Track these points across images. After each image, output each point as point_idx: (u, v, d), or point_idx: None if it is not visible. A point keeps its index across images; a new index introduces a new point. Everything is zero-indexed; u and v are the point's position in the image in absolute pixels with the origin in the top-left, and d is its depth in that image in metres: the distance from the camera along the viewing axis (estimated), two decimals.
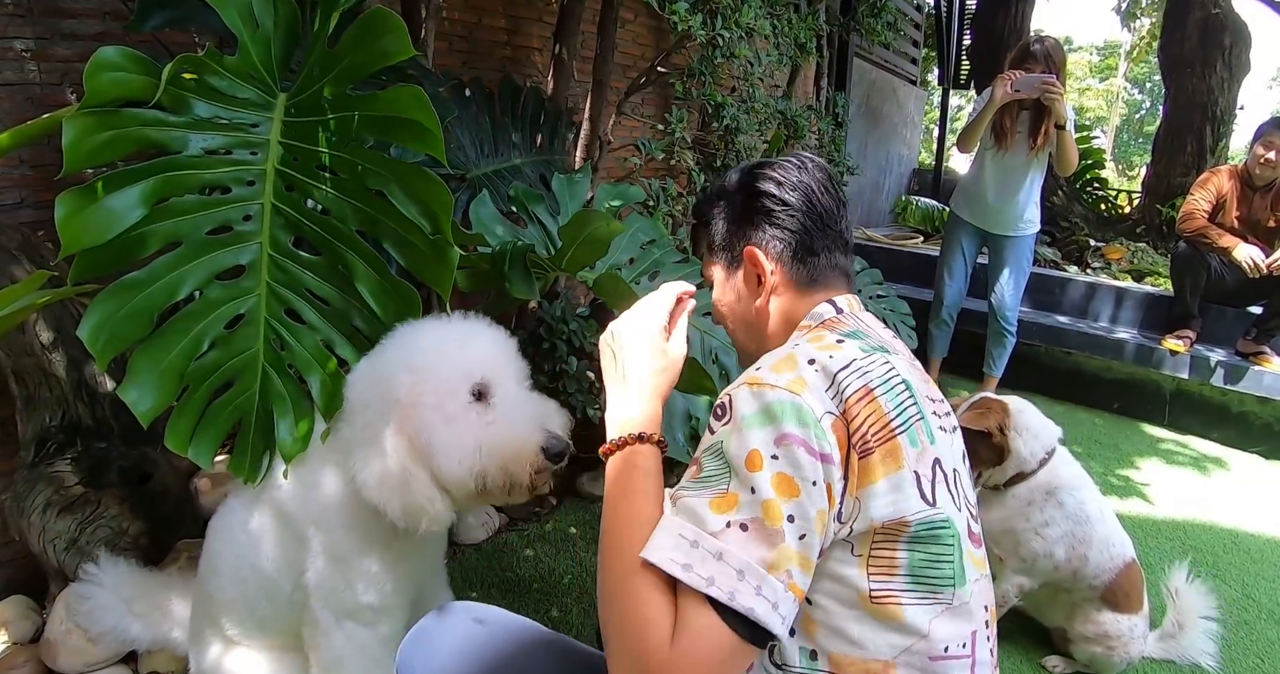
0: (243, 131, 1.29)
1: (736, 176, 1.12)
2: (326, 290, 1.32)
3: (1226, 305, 3.73)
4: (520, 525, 2.38)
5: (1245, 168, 3.53)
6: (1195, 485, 3.14)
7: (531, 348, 2.38)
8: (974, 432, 1.80)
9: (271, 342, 1.29)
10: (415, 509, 1.16)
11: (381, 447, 1.16)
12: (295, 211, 1.30)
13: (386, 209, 1.28)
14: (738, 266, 1.09)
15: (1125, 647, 1.79)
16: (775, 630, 0.77)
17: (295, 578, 1.29)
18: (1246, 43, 4.81)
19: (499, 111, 2.44)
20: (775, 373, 0.86)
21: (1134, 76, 21.88)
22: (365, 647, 1.32)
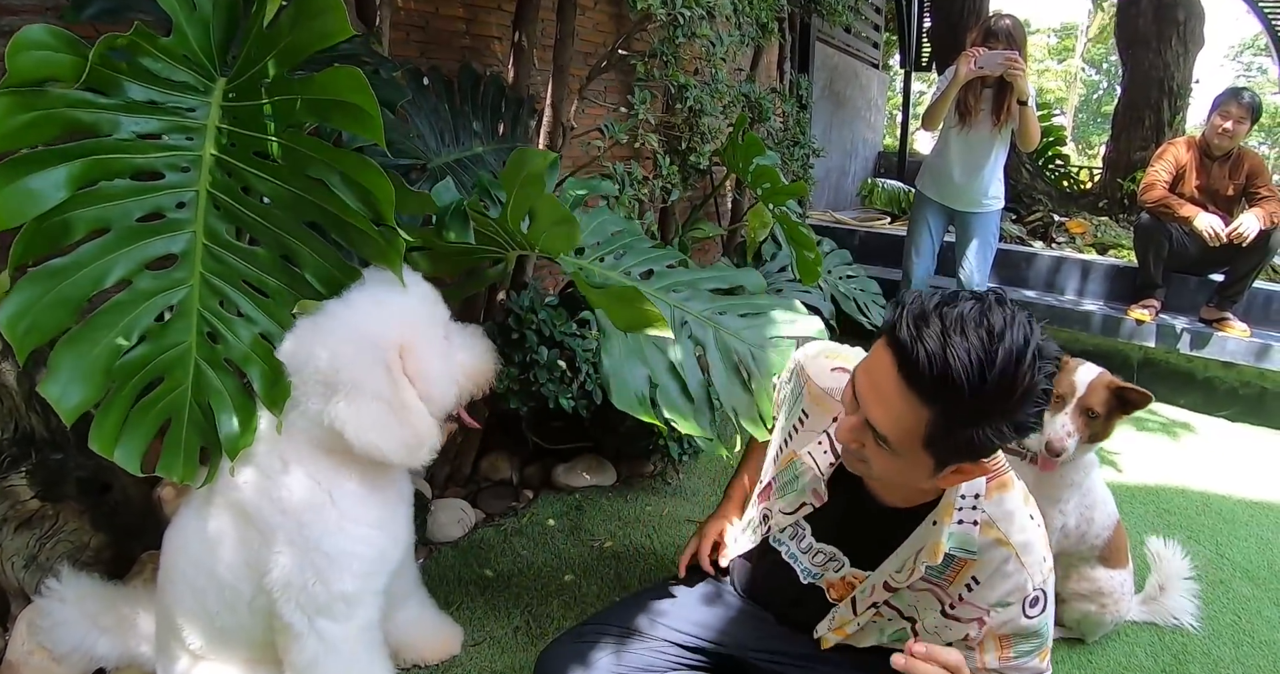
0: (178, 116, 1.23)
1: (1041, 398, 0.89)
2: (266, 281, 1.27)
3: (1189, 274, 3.76)
4: (497, 520, 2.32)
5: (1203, 138, 3.55)
6: (1165, 451, 3.16)
7: (500, 339, 2.30)
8: (1111, 405, 1.71)
9: (205, 335, 1.23)
10: (418, 440, 1.24)
11: (370, 394, 1.20)
12: (232, 199, 1.24)
13: (328, 197, 1.23)
14: (945, 466, 0.98)
15: (1117, 603, 1.78)
16: None
17: (257, 581, 1.24)
18: (1200, 17, 4.83)
19: (458, 100, 2.36)
20: (1049, 552, 1.15)
21: (1091, 58, 22.07)
22: (340, 645, 1.28)
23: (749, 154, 2.70)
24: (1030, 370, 0.87)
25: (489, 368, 1.39)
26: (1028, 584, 1.10)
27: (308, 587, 1.22)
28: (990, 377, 0.85)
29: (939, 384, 0.87)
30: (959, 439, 0.91)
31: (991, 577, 1.11)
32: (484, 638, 1.77)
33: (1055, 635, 1.83)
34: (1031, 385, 0.87)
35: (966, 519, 1.10)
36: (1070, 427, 1.67)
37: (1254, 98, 3.39)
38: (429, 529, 2.20)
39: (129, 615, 1.48)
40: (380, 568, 1.32)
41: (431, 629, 1.70)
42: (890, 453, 0.97)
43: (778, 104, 3.58)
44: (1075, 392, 1.69)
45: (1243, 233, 3.22)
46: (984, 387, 0.86)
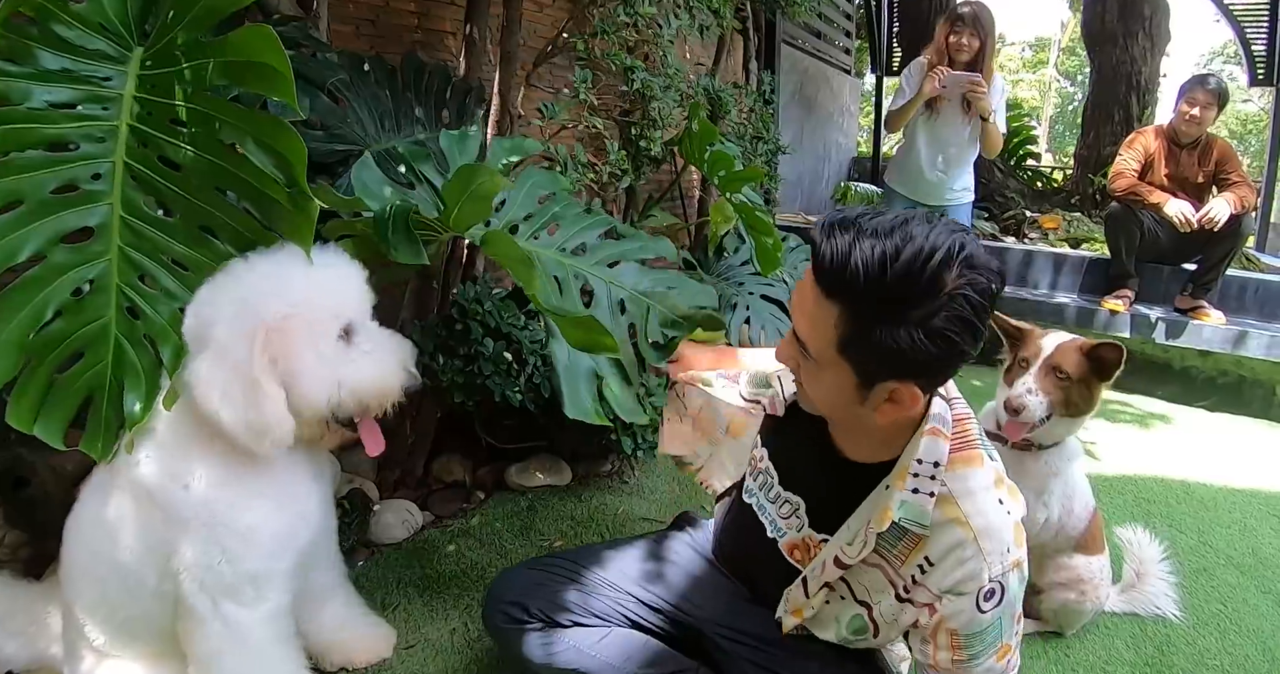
0: (93, 85, 1.21)
1: (955, 310, 0.87)
2: (186, 253, 1.24)
3: (1162, 264, 3.79)
4: (445, 522, 2.25)
5: (1171, 126, 3.58)
6: (1144, 442, 3.15)
7: (444, 331, 2.18)
8: (1085, 369, 1.61)
9: (125, 310, 1.20)
10: (261, 427, 1.16)
11: (231, 361, 1.14)
12: (150, 170, 1.22)
13: (242, 163, 1.20)
14: (873, 384, 0.96)
15: (1095, 590, 1.74)
16: None
17: (160, 566, 1.20)
18: (1165, 12, 4.88)
19: (402, 87, 2.29)
20: (1019, 547, 1.04)
21: (1065, 70, 22.33)
22: (246, 633, 1.23)
23: (704, 141, 2.62)
24: (940, 269, 0.85)
25: (391, 384, 1.26)
26: (984, 574, 1.01)
27: (213, 566, 1.19)
28: (892, 271, 0.85)
29: (839, 276, 0.88)
30: (870, 342, 0.90)
31: (944, 560, 1.03)
32: (418, 640, 1.70)
33: (1032, 629, 1.79)
34: (941, 284, 0.86)
35: (923, 489, 1.02)
36: (1034, 385, 1.59)
37: (1220, 83, 3.44)
38: (372, 530, 2.13)
39: (40, 615, 1.41)
40: (288, 546, 1.27)
41: (360, 630, 1.63)
42: (815, 367, 0.98)
43: (740, 98, 3.48)
44: (1041, 353, 1.64)
45: (1213, 217, 3.21)
46: (884, 280, 0.85)
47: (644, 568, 1.43)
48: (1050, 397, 1.59)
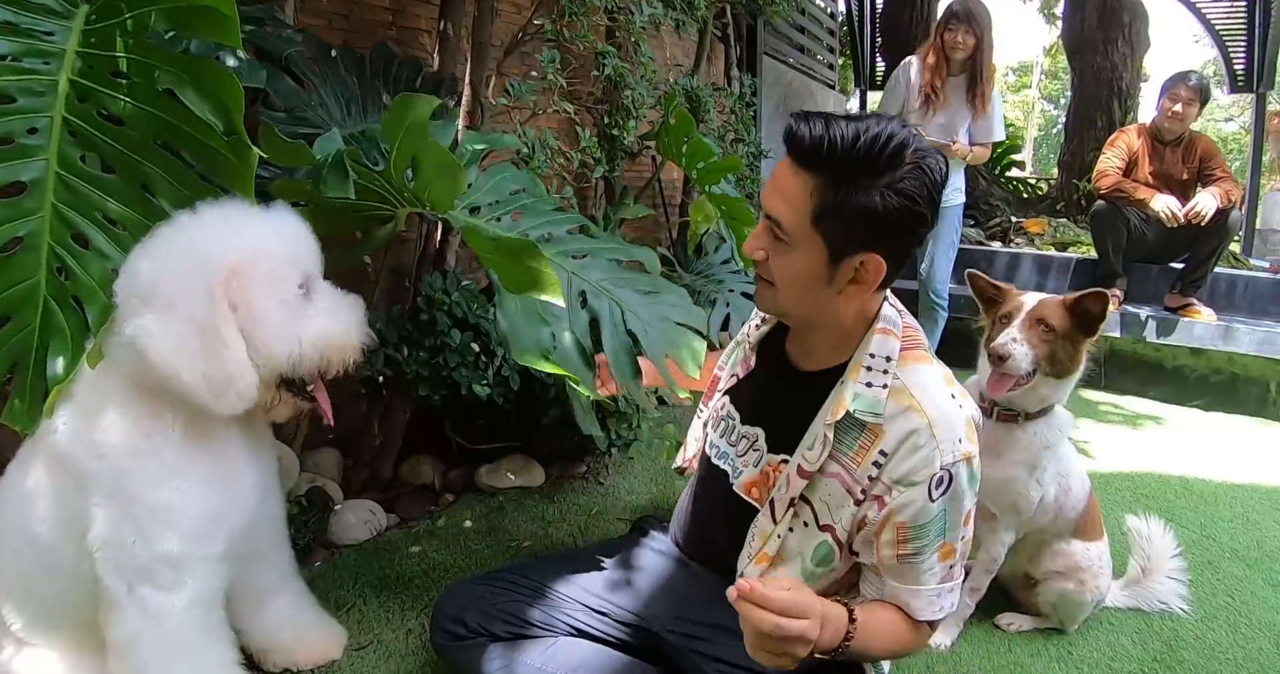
0: (35, 39, 1.18)
1: (915, 178, 0.99)
2: (122, 212, 1.21)
3: (1149, 263, 3.76)
4: (410, 524, 2.16)
5: (1154, 124, 3.59)
6: (1139, 441, 3.09)
7: (410, 322, 2.07)
8: (1069, 323, 1.52)
9: (55, 271, 1.16)
10: (223, 380, 1.10)
11: (183, 314, 1.08)
12: (88, 125, 1.19)
13: (182, 113, 1.17)
14: (842, 258, 1.04)
15: (1096, 578, 1.66)
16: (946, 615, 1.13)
17: (77, 542, 1.12)
18: (1144, 19, 4.93)
19: (370, 75, 2.22)
20: (970, 442, 1.07)
21: (1048, 94, 22.59)
22: (165, 619, 1.14)
23: (681, 133, 2.54)
24: (901, 147, 0.98)
25: (352, 339, 1.22)
26: (936, 461, 1.04)
27: (127, 545, 1.11)
28: (863, 143, 0.97)
29: (818, 148, 0.98)
30: (844, 208, 0.99)
31: (899, 449, 1.06)
32: (370, 641, 1.61)
33: (1031, 625, 1.74)
34: (903, 158, 0.98)
35: (876, 382, 1.08)
36: (1018, 336, 1.52)
37: (1201, 79, 3.45)
38: (331, 530, 2.05)
39: None
40: (213, 530, 1.18)
41: (307, 630, 1.53)
42: (787, 248, 1.05)
43: (719, 100, 3.42)
44: (1023, 307, 1.57)
45: (1200, 211, 3.19)
46: (856, 151, 0.97)
47: (595, 576, 1.37)
48: (1035, 350, 1.52)
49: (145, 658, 1.12)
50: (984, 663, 1.60)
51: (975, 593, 1.66)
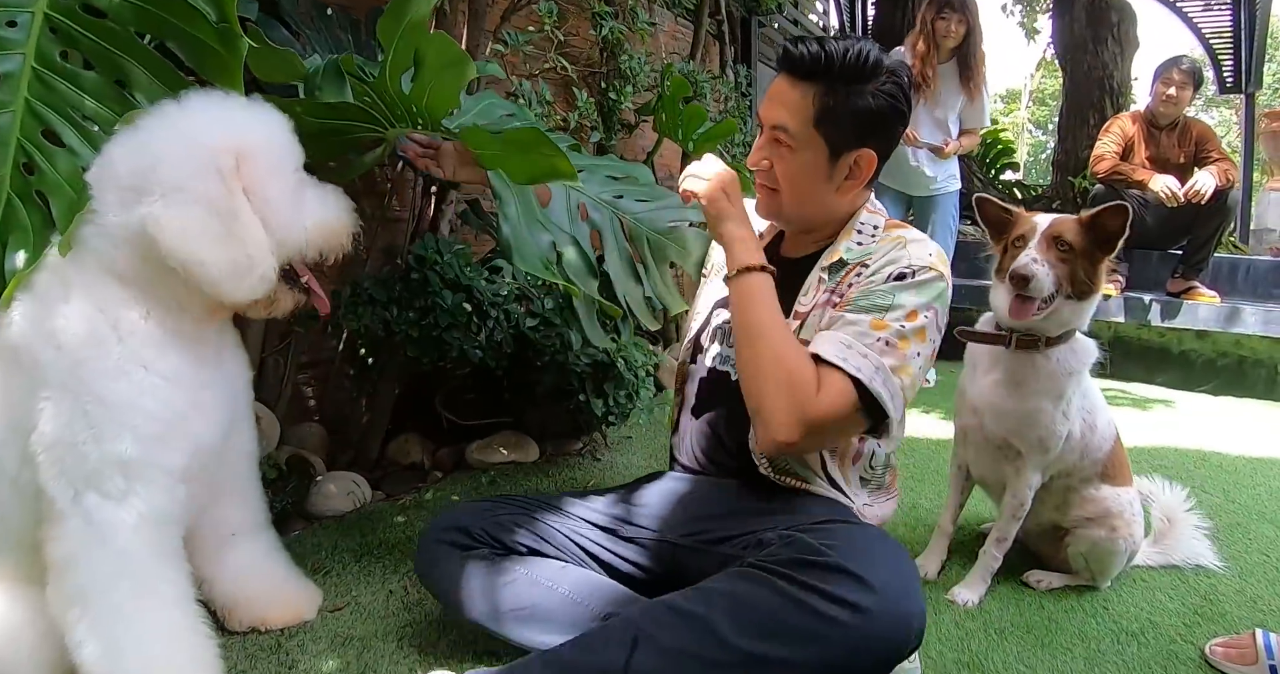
0: None
1: (893, 82, 1.16)
2: (96, 109, 1.17)
3: (1150, 249, 3.71)
4: (397, 497, 2.05)
5: (1149, 109, 3.59)
6: (1151, 422, 3.02)
7: (400, 284, 1.97)
8: (1086, 241, 1.44)
9: (20, 166, 1.12)
10: (248, 261, 1.07)
11: (194, 199, 1.04)
12: (70, 21, 1.15)
13: (169, 2, 1.13)
14: (840, 155, 1.17)
15: (1129, 525, 1.56)
16: (889, 410, 1.11)
17: (21, 447, 1.03)
18: (1133, 20, 4.99)
19: (364, 36, 2.12)
20: (942, 264, 1.18)
21: (1036, 120, 22.86)
22: (111, 534, 1.03)
23: (676, 100, 2.48)
24: (881, 58, 1.15)
25: (343, 225, 1.22)
26: (902, 261, 1.16)
27: (77, 444, 1.01)
28: (851, 54, 1.13)
29: (816, 61, 1.14)
30: (841, 110, 1.14)
31: (878, 261, 1.18)
32: (348, 603, 1.50)
33: (1062, 582, 1.65)
34: (883, 67, 1.15)
35: (866, 241, 1.23)
36: (1038, 256, 1.43)
37: (1193, 64, 3.51)
38: (311, 501, 1.94)
39: None
40: (173, 435, 1.09)
41: (278, 586, 1.41)
42: (791, 151, 1.17)
43: (716, 87, 3.38)
44: (1038, 228, 1.47)
45: (1200, 190, 3.20)
46: (847, 59, 1.13)
47: (603, 499, 1.34)
48: (1055, 269, 1.43)
49: (87, 577, 1.01)
50: (1015, 619, 1.49)
51: (1002, 543, 1.55)
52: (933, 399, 3.02)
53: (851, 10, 6.61)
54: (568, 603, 1.16)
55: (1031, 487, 1.53)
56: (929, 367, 1.20)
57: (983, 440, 1.58)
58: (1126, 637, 1.44)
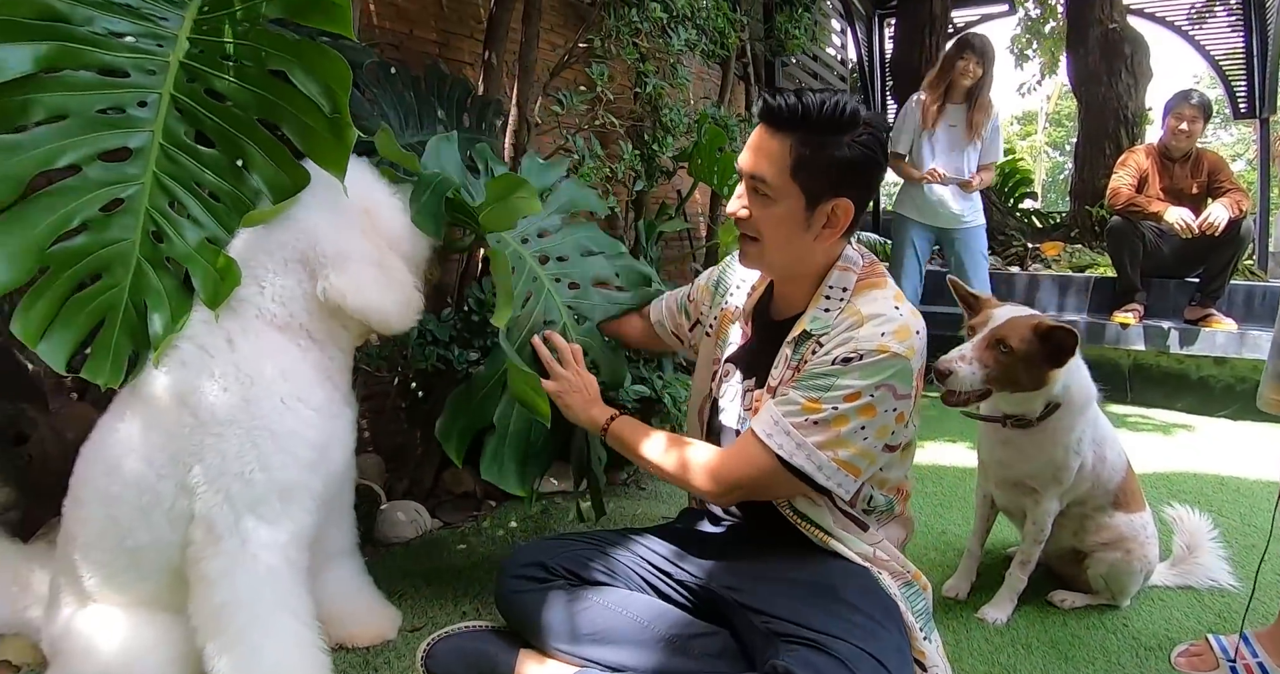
0: (152, 22, 1.28)
1: (869, 134, 1.18)
2: (218, 184, 1.29)
3: (1167, 277, 3.81)
4: (454, 526, 2.19)
5: (1162, 143, 3.70)
6: (1170, 448, 3.10)
7: (460, 323, 2.13)
8: (1034, 349, 1.47)
9: (150, 234, 1.24)
10: (407, 298, 1.32)
11: (357, 258, 1.26)
12: (194, 103, 1.28)
13: (286, 92, 1.27)
14: (817, 204, 1.20)
15: (1143, 547, 1.67)
16: (818, 481, 1.19)
17: (181, 478, 1.16)
18: (1146, 51, 5.10)
19: (425, 91, 2.33)
20: (899, 341, 1.18)
21: (1053, 141, 22.86)
22: (262, 553, 1.18)
23: (713, 148, 2.64)
24: (858, 110, 1.17)
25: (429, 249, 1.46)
26: (851, 342, 1.19)
27: (245, 474, 1.16)
28: (830, 107, 1.16)
29: (793, 113, 1.17)
30: (817, 160, 1.17)
31: (832, 338, 1.22)
32: (425, 623, 1.63)
33: (1083, 602, 1.75)
34: (860, 118, 1.17)
35: (833, 308, 1.26)
36: (969, 353, 1.51)
37: (1203, 97, 3.57)
38: (379, 528, 2.09)
39: (25, 576, 1.37)
40: (322, 461, 1.26)
41: (364, 607, 1.55)
42: (770, 200, 1.21)
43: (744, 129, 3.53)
44: (989, 323, 1.54)
45: (1213, 222, 3.28)
46: (823, 111, 1.16)
47: (659, 541, 1.42)
48: (988, 369, 1.49)
49: (236, 591, 1.15)
50: (1040, 635, 1.61)
51: (1026, 566, 1.67)
52: (958, 428, 3.11)
53: (869, 45, 6.76)
54: (635, 626, 1.26)
55: (1049, 514, 1.64)
56: (895, 428, 1.21)
57: (1000, 479, 1.70)
58: (1145, 651, 1.55)
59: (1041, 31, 6.69)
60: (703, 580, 1.33)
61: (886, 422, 1.19)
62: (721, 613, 1.29)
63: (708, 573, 1.33)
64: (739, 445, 1.27)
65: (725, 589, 1.28)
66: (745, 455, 1.23)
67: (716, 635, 1.26)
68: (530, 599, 1.31)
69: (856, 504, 1.29)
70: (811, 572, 1.25)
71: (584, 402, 1.43)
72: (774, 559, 1.30)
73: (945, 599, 1.74)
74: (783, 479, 1.21)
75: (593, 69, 2.36)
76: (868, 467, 1.22)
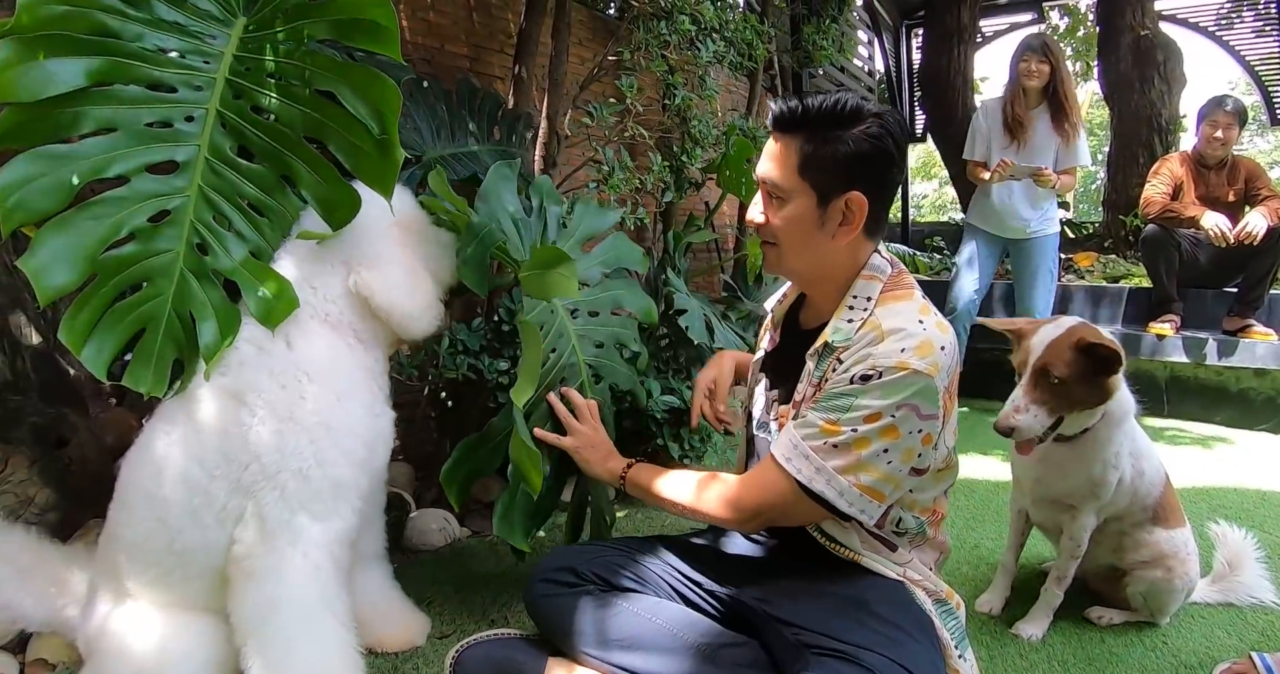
0: (199, 40, 1.32)
1: (878, 125, 1.17)
2: (262, 199, 1.33)
3: (1204, 288, 3.73)
4: (483, 535, 2.19)
5: (1196, 150, 3.62)
6: (1209, 462, 3.03)
7: (490, 333, 2.15)
8: (1081, 366, 1.42)
9: (195, 246, 1.27)
10: (426, 304, 1.38)
11: (387, 260, 1.33)
12: (240, 119, 1.32)
13: (333, 111, 1.30)
14: (829, 200, 1.19)
15: (1183, 564, 1.63)
16: (838, 506, 1.16)
17: (234, 478, 1.19)
18: (1179, 58, 5.03)
19: (456, 104, 2.37)
20: (920, 357, 1.13)
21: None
22: (311, 551, 1.21)
23: (741, 159, 2.64)
24: (862, 104, 1.17)
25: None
26: (870, 360, 1.15)
27: (302, 470, 1.20)
28: (828, 103, 1.17)
29: (794, 113, 1.18)
30: (824, 155, 1.17)
31: (852, 353, 1.18)
32: (454, 631, 1.65)
33: (1122, 618, 1.71)
34: (866, 112, 1.17)
35: (856, 319, 1.22)
36: (1022, 401, 1.46)
37: (1237, 103, 3.49)
38: (407, 535, 2.10)
39: (63, 576, 1.39)
40: (369, 458, 1.30)
41: (394, 612, 1.57)
42: (782, 202, 1.21)
43: None
44: (1030, 357, 1.48)
45: (1251, 231, 3.24)
46: (823, 108, 1.16)
47: (690, 549, 1.42)
48: (1046, 405, 1.46)
49: (282, 588, 1.18)
50: (1076, 653, 1.58)
51: (1062, 581, 1.64)
52: (990, 441, 3.06)
53: (897, 55, 6.74)
54: (665, 634, 1.26)
55: (1086, 529, 1.61)
56: (921, 450, 1.17)
57: (1036, 495, 1.67)
58: (1185, 670, 1.52)
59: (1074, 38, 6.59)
60: (733, 591, 1.32)
61: (911, 444, 1.15)
62: (751, 624, 1.29)
63: (738, 584, 1.33)
64: (758, 471, 1.25)
65: (755, 600, 1.28)
66: (764, 481, 1.22)
67: (746, 646, 1.25)
68: (560, 604, 1.31)
69: (885, 526, 1.26)
70: (843, 584, 1.24)
71: (601, 457, 1.46)
72: (805, 572, 1.30)
73: (979, 614, 1.71)
74: (804, 505, 1.19)
75: (622, 81, 2.39)
76: (892, 491, 1.18)
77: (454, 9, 2.69)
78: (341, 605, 1.25)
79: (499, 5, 2.82)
